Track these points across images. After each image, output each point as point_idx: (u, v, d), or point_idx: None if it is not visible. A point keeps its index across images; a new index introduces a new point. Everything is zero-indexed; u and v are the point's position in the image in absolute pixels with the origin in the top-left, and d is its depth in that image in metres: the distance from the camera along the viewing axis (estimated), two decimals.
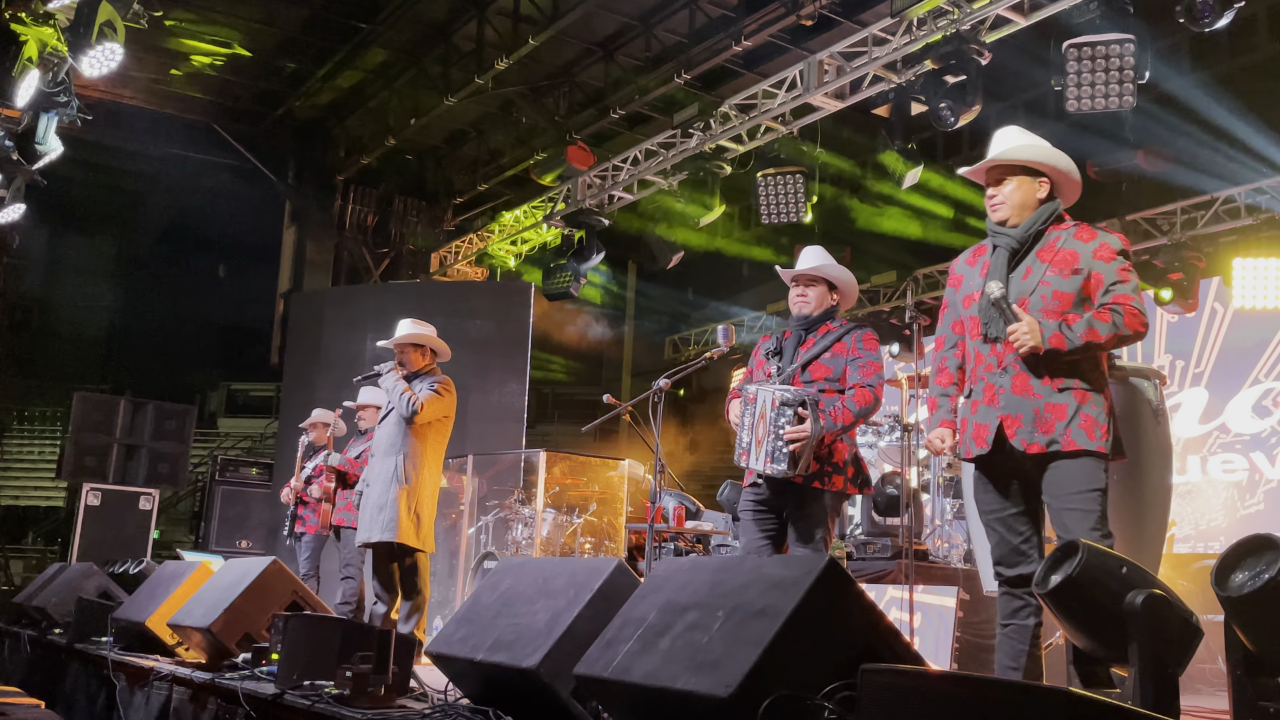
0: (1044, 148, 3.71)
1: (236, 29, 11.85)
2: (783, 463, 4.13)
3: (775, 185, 9.72)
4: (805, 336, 4.51)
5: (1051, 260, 3.57)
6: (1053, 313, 3.49)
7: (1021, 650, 3.52)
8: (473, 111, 13.12)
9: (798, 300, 4.55)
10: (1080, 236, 3.60)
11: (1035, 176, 3.67)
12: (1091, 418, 3.45)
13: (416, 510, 6.00)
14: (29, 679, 7.35)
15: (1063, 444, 3.44)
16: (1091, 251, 3.55)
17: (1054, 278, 3.55)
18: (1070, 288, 3.53)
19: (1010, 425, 3.51)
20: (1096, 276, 3.52)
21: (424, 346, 6.27)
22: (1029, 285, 3.56)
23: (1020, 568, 3.55)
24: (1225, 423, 9.92)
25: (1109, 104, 7.34)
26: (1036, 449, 3.46)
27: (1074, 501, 3.42)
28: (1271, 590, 2.64)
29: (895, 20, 8.45)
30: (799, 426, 4.12)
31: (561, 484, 9.31)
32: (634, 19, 11.10)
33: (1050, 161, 3.67)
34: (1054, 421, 3.45)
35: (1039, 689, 1.98)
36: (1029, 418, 3.48)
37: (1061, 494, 3.45)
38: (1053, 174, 3.67)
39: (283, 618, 4.42)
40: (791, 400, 4.15)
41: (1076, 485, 3.43)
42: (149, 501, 12.13)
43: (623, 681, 2.73)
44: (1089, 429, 3.44)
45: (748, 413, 4.33)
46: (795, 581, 2.55)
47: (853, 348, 4.41)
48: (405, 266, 14.95)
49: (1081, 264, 3.54)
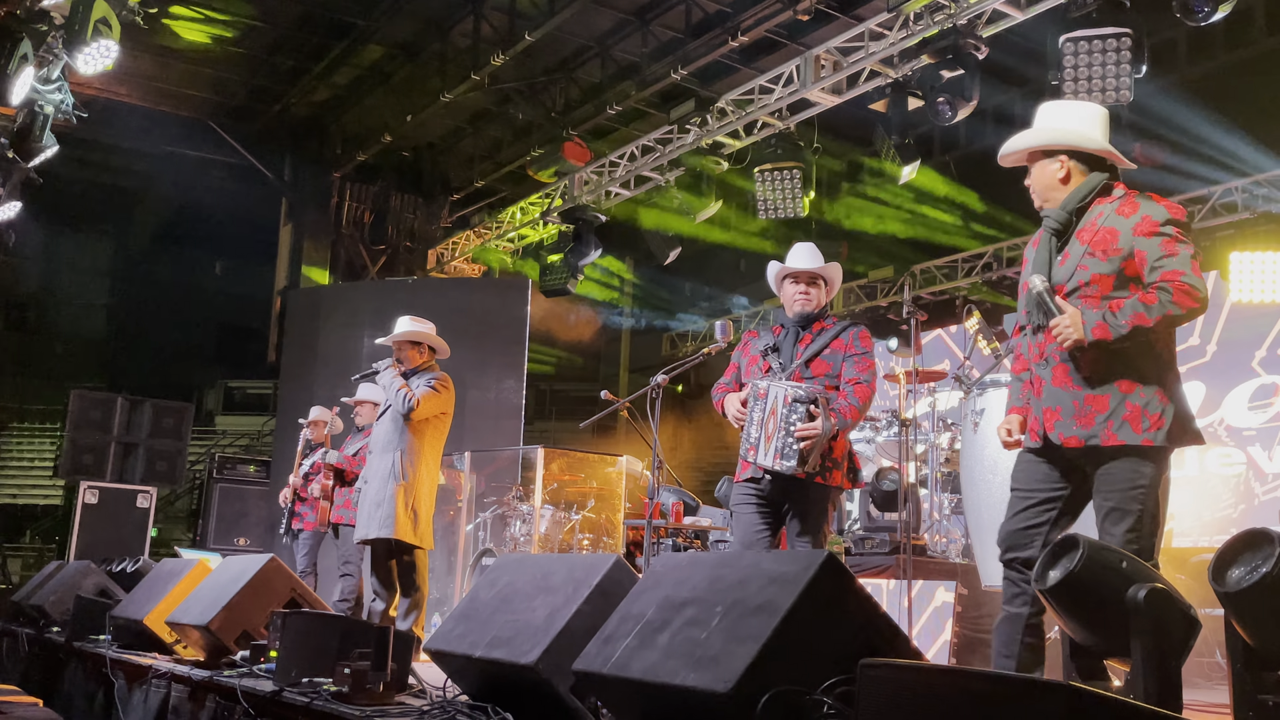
0: (1047, 129, 3.52)
1: (232, 26, 11.83)
2: (792, 459, 4.14)
3: (772, 180, 9.72)
4: (802, 333, 4.52)
5: (1090, 241, 3.37)
6: (1093, 298, 3.30)
7: (1014, 639, 3.44)
8: (469, 108, 13.12)
9: (799, 298, 4.56)
10: (1123, 210, 3.36)
11: (1050, 157, 3.48)
12: (1138, 408, 3.25)
13: (414, 507, 6.00)
14: (27, 677, 7.34)
15: (1102, 439, 3.28)
16: (1132, 228, 3.31)
17: (1092, 261, 3.35)
18: (1109, 269, 3.32)
19: (1050, 418, 3.38)
20: (1140, 254, 3.29)
21: (422, 344, 6.28)
22: (1067, 270, 3.38)
23: (1017, 551, 3.45)
24: (1223, 416, 9.92)
25: (1105, 98, 7.33)
26: (1074, 443, 3.32)
27: (1114, 500, 3.28)
28: (1268, 585, 2.64)
29: (892, 15, 8.44)
30: (811, 424, 4.14)
31: (560, 480, 9.31)
32: (630, 14, 11.09)
33: (1055, 141, 3.47)
34: (1094, 414, 3.29)
35: (1038, 683, 1.98)
36: (1068, 410, 3.33)
37: (1105, 491, 3.30)
38: (1068, 150, 3.46)
39: (281, 615, 4.41)
40: (804, 398, 4.16)
41: (1117, 483, 3.27)
42: (146, 499, 12.12)
43: (621, 677, 2.73)
44: (1134, 420, 3.24)
45: (757, 408, 4.32)
46: (794, 577, 2.55)
47: (849, 344, 4.44)
48: (402, 263, 14.94)
49: (1121, 242, 3.32)
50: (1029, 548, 3.41)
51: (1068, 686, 1.86)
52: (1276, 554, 2.65)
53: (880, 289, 13.04)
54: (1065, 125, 3.50)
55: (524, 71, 12.02)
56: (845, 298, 13.30)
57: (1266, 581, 2.64)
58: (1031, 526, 3.43)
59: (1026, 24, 7.97)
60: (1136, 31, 7.20)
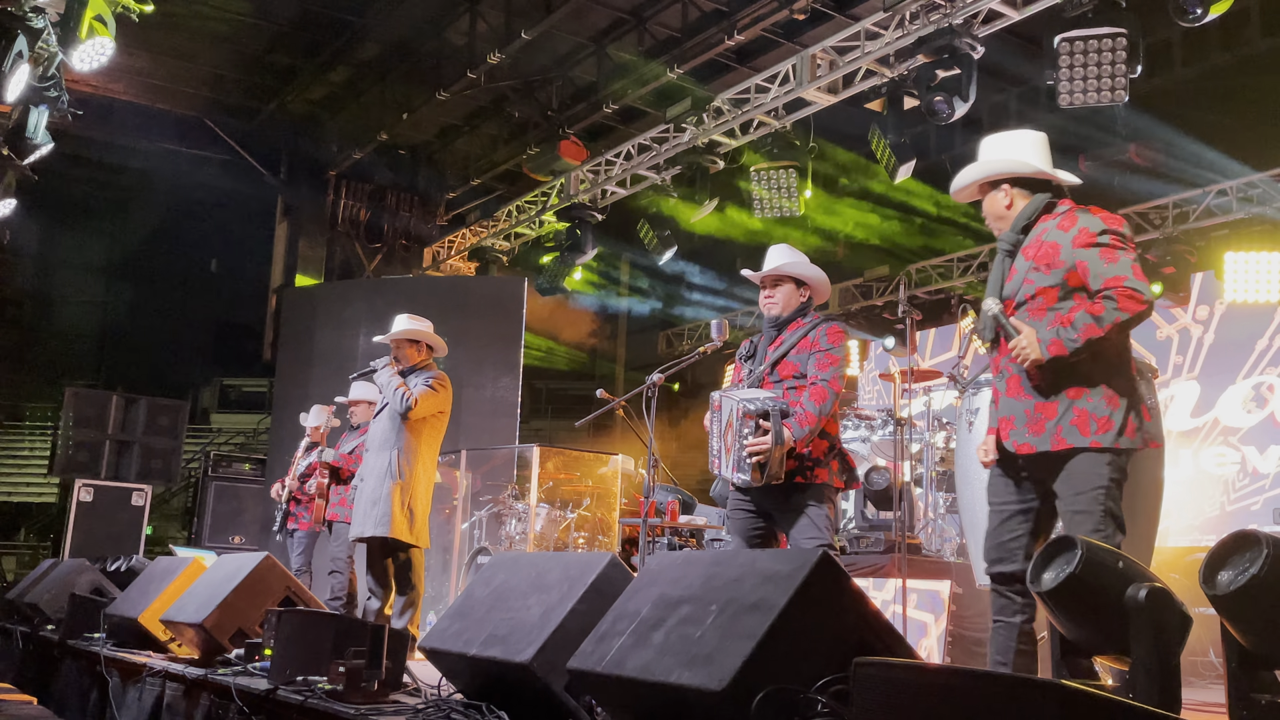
0: (987, 162, 3.70)
1: (228, 23, 11.81)
2: (747, 473, 4.12)
3: (769, 179, 9.73)
4: (775, 336, 4.49)
5: (1034, 256, 3.52)
6: (1039, 310, 3.46)
7: (1010, 646, 3.52)
8: (465, 106, 13.11)
9: (765, 302, 4.52)
10: (1063, 225, 3.51)
11: (995, 187, 3.68)
12: (1085, 412, 3.38)
13: (410, 505, 5.99)
14: (21, 675, 7.34)
15: (1052, 444, 3.41)
16: (1071, 240, 3.46)
17: (1036, 274, 3.50)
18: (1053, 281, 3.47)
19: (1005, 427, 3.54)
20: (1081, 265, 3.42)
21: (420, 342, 6.27)
22: (1014, 285, 3.55)
23: (1002, 565, 3.55)
24: (1217, 416, 9.94)
25: (1101, 98, 7.34)
26: (1027, 449, 3.46)
27: (1075, 504, 3.39)
28: (1256, 586, 2.65)
29: (888, 14, 8.45)
30: (760, 438, 4.08)
31: (555, 479, 9.31)
32: (627, 13, 11.09)
33: (995, 171, 3.67)
34: (1044, 421, 3.43)
35: (1031, 681, 1.98)
36: (1020, 419, 3.48)
37: (1066, 496, 3.42)
38: (1009, 179, 3.66)
39: (275, 613, 4.41)
40: (754, 411, 4.12)
41: (1076, 486, 3.39)
42: (141, 497, 12.11)
43: (616, 675, 2.73)
44: (1082, 424, 3.38)
45: (715, 420, 4.36)
46: (788, 575, 2.55)
47: (815, 341, 4.36)
48: (398, 261, 14.93)
49: (1063, 255, 3.46)
50: (1012, 561, 3.51)
51: (1061, 685, 1.87)
52: (1263, 556, 2.66)
53: (876, 288, 13.05)
54: (1004, 155, 3.69)
55: (520, 70, 12.02)
56: (841, 297, 13.31)
57: (1255, 584, 2.65)
58: (1011, 539, 3.54)
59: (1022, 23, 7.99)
60: (1132, 31, 7.21)
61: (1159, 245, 10.14)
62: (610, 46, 11.55)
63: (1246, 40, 10.21)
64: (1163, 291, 10.04)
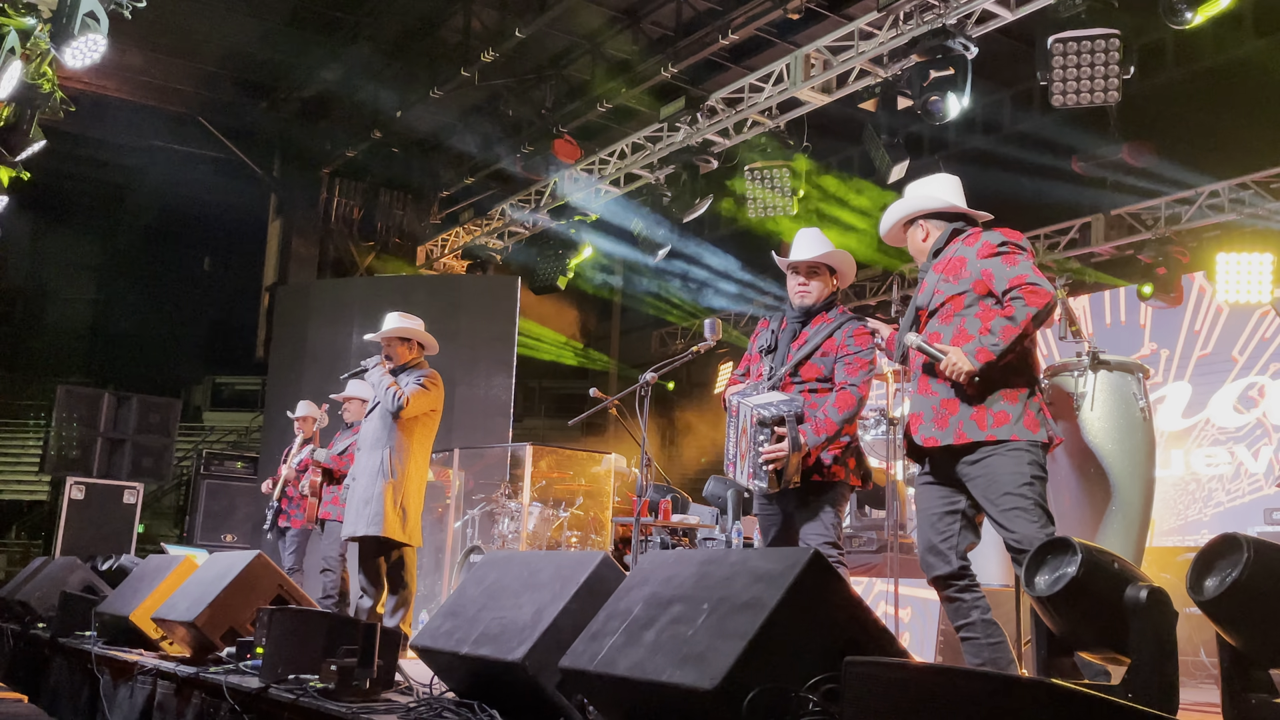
0: (903, 204, 4.03)
1: (221, 19, 11.79)
2: (763, 480, 4.08)
3: (762, 179, 9.73)
4: (800, 330, 4.36)
5: (944, 269, 3.82)
6: (948, 315, 3.73)
7: (981, 645, 3.63)
8: (459, 104, 13.09)
9: (799, 291, 4.38)
10: (968, 242, 3.83)
11: (913, 224, 4.03)
12: (984, 408, 3.60)
13: (402, 504, 5.99)
14: (12, 673, 7.32)
15: (954, 438, 3.62)
16: (975, 253, 3.75)
17: (945, 285, 3.79)
18: (960, 289, 3.74)
19: (914, 423, 3.75)
20: (986, 273, 3.69)
21: (411, 340, 6.26)
22: (925, 296, 3.84)
23: (938, 569, 3.70)
24: (1209, 417, 9.97)
25: (1094, 98, 7.37)
26: (932, 443, 3.68)
27: (1004, 502, 3.55)
28: (1238, 590, 2.68)
29: (882, 14, 8.47)
30: (776, 446, 4.03)
31: (548, 478, 9.32)
32: (621, 12, 11.09)
33: (910, 210, 4.01)
34: (947, 416, 3.65)
35: (1022, 681, 1.99)
36: (928, 414, 3.71)
37: (992, 496, 3.58)
38: (922, 215, 3.99)
39: (267, 612, 4.40)
40: (769, 419, 4.05)
41: (1002, 485, 3.55)
42: (133, 495, 12.08)
43: (608, 674, 2.73)
44: (980, 419, 3.59)
45: (731, 425, 4.31)
46: (780, 574, 2.55)
47: (843, 344, 4.25)
48: (391, 260, 14.91)
49: (969, 267, 3.74)
50: (947, 563, 3.69)
51: (1052, 685, 1.87)
52: (1244, 559, 2.68)
53: (869, 288, 13.07)
54: (917, 195, 4.04)
55: (514, 69, 12.00)
56: None
57: (1237, 588, 2.68)
58: (943, 541, 3.71)
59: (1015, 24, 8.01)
60: (1125, 32, 7.23)
61: (1151, 246, 10.17)
62: (605, 45, 11.54)
63: (1239, 41, 10.24)
64: (1153, 292, 10.07)
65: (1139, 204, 10.43)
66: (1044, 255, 11.17)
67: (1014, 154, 11.18)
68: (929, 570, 3.72)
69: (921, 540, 3.76)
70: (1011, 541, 3.53)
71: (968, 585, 3.68)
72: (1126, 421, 5.30)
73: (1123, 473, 5.25)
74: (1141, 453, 5.36)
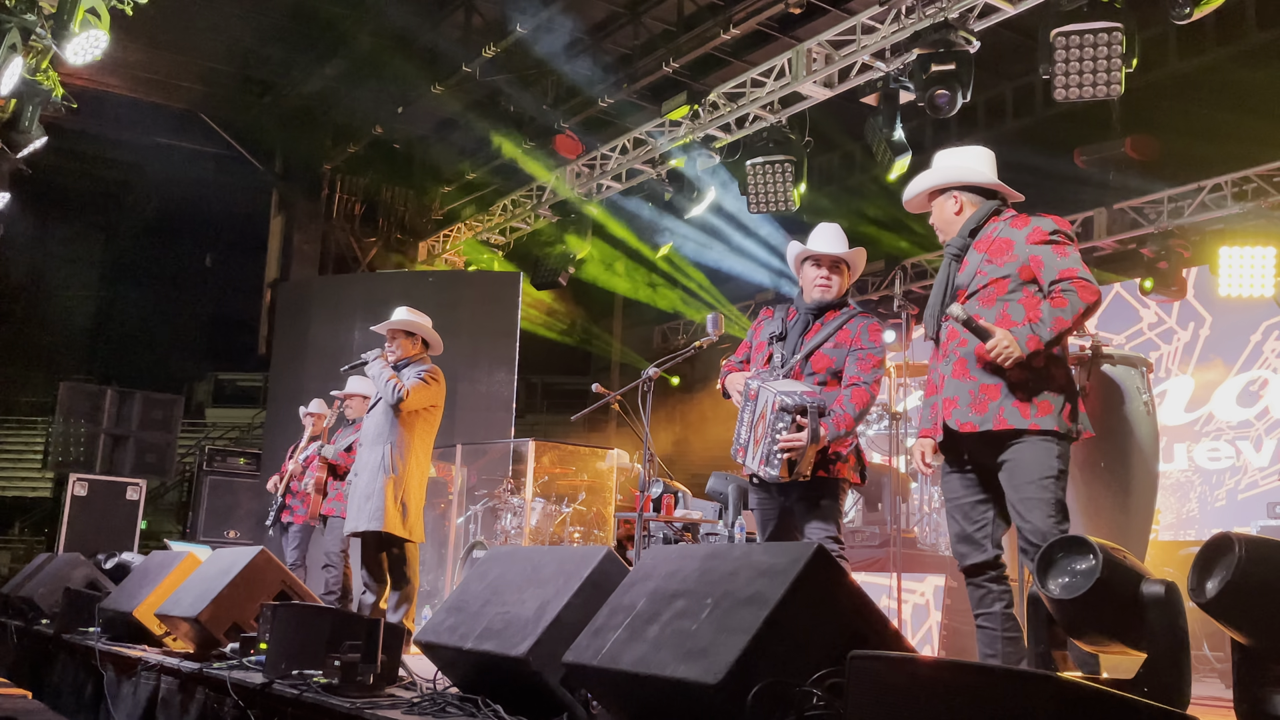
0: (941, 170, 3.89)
1: (222, 16, 11.78)
2: (775, 468, 4.02)
3: (764, 174, 9.72)
4: (812, 323, 4.33)
5: (988, 249, 3.69)
6: (990, 299, 3.63)
7: (996, 637, 3.59)
8: (460, 100, 13.07)
9: (820, 285, 4.33)
10: (1015, 225, 3.70)
11: (945, 194, 3.87)
12: (1027, 396, 3.52)
13: (404, 499, 5.99)
14: (16, 669, 7.33)
15: (994, 423, 3.53)
16: (1025, 237, 3.63)
17: (990, 266, 3.66)
18: (1005, 273, 3.63)
19: (949, 407, 3.64)
20: (1034, 259, 3.60)
21: (416, 335, 6.26)
22: (967, 276, 3.71)
23: (972, 558, 3.64)
24: (1212, 411, 9.96)
25: (1097, 92, 7.35)
26: (970, 428, 3.57)
27: (1025, 490, 3.49)
28: (1234, 590, 2.69)
29: (884, 8, 8.45)
30: (795, 435, 3.97)
31: (550, 473, 9.31)
32: (622, 7, 11.07)
33: (950, 179, 3.85)
34: (987, 402, 3.55)
35: (1026, 674, 1.99)
36: (964, 399, 3.60)
37: (1016, 483, 3.52)
38: (961, 187, 3.84)
39: (271, 607, 4.41)
40: (791, 407, 3.98)
41: (1028, 474, 3.50)
42: (136, 492, 12.09)
43: (611, 669, 2.73)
44: (1023, 407, 3.51)
45: (747, 409, 4.19)
46: (783, 569, 2.55)
47: (856, 337, 4.24)
48: (393, 256, 14.90)
49: (1016, 250, 3.63)
50: (981, 551, 3.64)
51: (1057, 679, 1.87)
52: (1236, 559, 2.68)
53: (871, 283, 13.05)
54: (952, 165, 3.91)
55: (515, 64, 11.98)
56: None
57: (1231, 588, 2.69)
58: (977, 530, 3.65)
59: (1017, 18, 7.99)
60: (1127, 25, 7.21)
61: (1154, 240, 10.15)
62: (605, 41, 11.52)
63: (1243, 34, 10.21)
64: (1154, 286, 10.06)
65: (1141, 198, 10.41)
66: None
67: (1015, 148, 11.16)
68: (962, 559, 3.66)
69: (954, 529, 3.70)
70: (1025, 531, 3.50)
71: (998, 575, 3.66)
72: (1130, 416, 5.29)
73: (1126, 467, 5.24)
74: (1145, 447, 5.36)
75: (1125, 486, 5.25)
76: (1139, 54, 7.34)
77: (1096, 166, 9.66)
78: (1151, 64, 9.56)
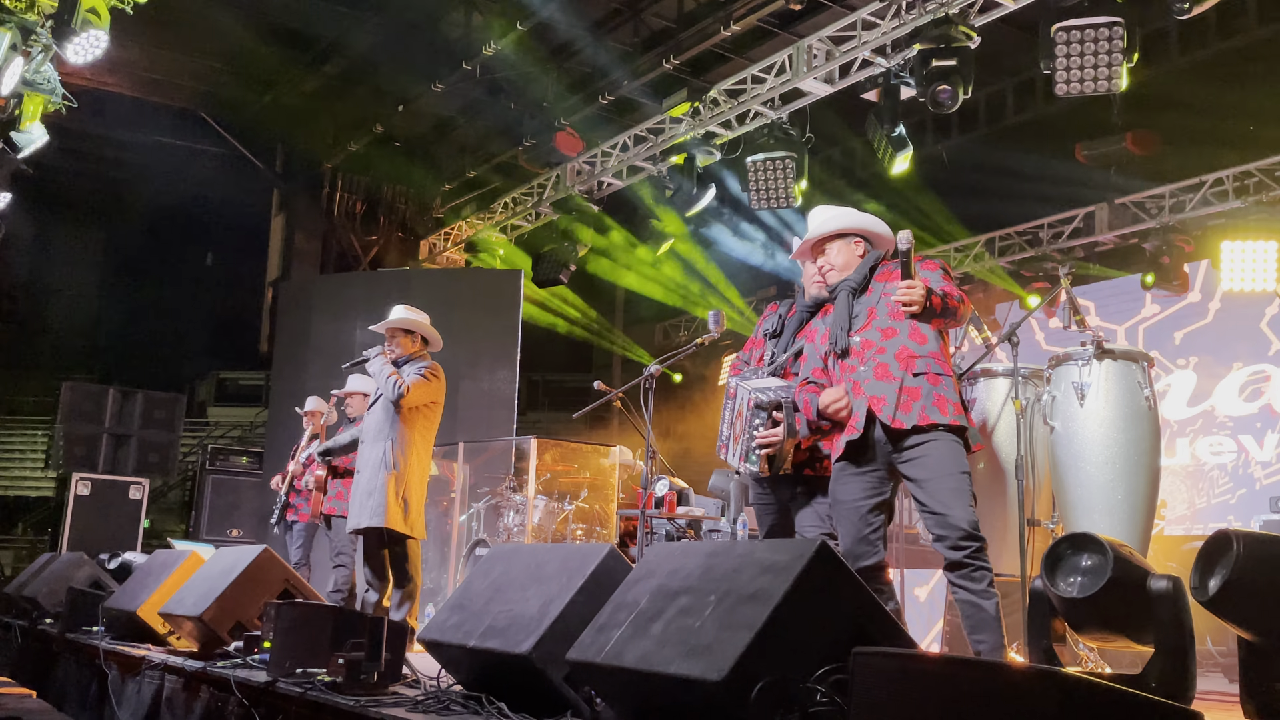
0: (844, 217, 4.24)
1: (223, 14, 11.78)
2: (754, 464, 4.08)
3: (765, 170, 9.71)
4: (807, 319, 4.32)
5: (887, 280, 4.01)
6: (899, 314, 3.89)
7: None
8: (461, 98, 13.07)
9: (816, 281, 4.23)
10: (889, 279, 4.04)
11: (845, 239, 4.19)
12: (944, 397, 3.82)
13: (405, 496, 5.99)
14: (20, 669, 7.34)
15: (919, 419, 3.78)
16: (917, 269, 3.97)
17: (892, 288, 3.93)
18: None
19: (876, 404, 3.84)
20: (925, 281, 3.90)
21: (415, 333, 6.27)
22: (873, 299, 4.04)
23: (867, 560, 3.83)
24: (1214, 405, 9.95)
25: (1098, 87, 7.34)
26: (899, 425, 3.79)
27: (949, 482, 3.74)
28: (1234, 587, 2.70)
29: (884, 4, 8.44)
30: (771, 431, 4.01)
31: (553, 471, 9.31)
32: (622, 4, 11.07)
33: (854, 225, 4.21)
34: (910, 401, 3.81)
35: (1029, 670, 1.99)
36: (891, 398, 3.82)
37: (938, 473, 3.75)
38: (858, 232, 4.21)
39: (274, 606, 4.41)
40: (766, 404, 4.03)
41: (947, 467, 3.75)
42: (139, 491, 12.11)
43: (615, 666, 2.74)
44: (941, 406, 3.80)
45: (728, 407, 4.28)
46: (786, 566, 2.55)
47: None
48: (394, 254, 14.90)
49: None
50: (875, 553, 3.87)
51: (1061, 674, 1.87)
52: (1235, 557, 2.69)
53: None
54: (854, 216, 4.27)
55: (516, 62, 11.98)
56: None
57: (1230, 586, 2.69)
58: (871, 532, 3.88)
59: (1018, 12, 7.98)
60: (1128, 20, 7.20)
61: (1155, 235, 10.15)
62: (606, 38, 11.52)
63: (1244, 28, 10.19)
64: (1156, 281, 10.06)
65: (1143, 192, 10.40)
66: (1047, 245, 11.16)
67: (1016, 144, 11.16)
68: (858, 560, 3.82)
69: (849, 533, 3.87)
70: (951, 519, 3.69)
71: (885, 575, 3.93)
72: (1132, 411, 5.29)
73: (1128, 462, 5.24)
74: (1147, 442, 5.35)
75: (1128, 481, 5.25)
76: (1140, 48, 7.33)
77: (1098, 162, 9.65)
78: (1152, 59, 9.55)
